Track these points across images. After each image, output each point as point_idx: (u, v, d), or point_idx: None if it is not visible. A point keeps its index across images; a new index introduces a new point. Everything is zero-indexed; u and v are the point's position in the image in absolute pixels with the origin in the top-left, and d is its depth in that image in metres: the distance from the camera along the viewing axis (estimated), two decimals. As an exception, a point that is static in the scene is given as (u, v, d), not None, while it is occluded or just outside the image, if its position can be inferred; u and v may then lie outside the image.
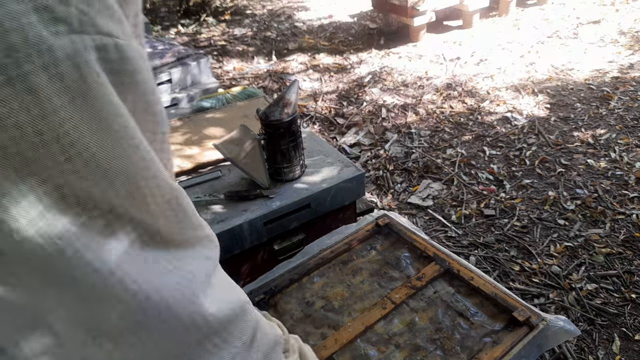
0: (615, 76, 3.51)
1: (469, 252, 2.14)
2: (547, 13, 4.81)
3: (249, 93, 1.99)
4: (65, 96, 0.32)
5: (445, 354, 0.96)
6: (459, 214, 2.37)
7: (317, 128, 3.21)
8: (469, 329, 1.01)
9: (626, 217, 2.24)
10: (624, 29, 4.26)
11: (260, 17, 5.51)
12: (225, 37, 4.93)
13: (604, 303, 1.85)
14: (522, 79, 3.58)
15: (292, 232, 1.41)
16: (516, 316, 1.02)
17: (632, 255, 2.05)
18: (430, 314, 1.05)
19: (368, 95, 3.54)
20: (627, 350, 1.68)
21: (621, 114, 3.06)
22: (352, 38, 4.68)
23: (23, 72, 0.30)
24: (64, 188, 0.33)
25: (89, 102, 0.33)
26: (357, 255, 1.24)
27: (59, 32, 0.32)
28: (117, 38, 0.35)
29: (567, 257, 2.08)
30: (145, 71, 0.38)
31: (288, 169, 1.39)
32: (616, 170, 2.56)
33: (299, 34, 4.88)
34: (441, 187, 2.58)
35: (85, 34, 0.33)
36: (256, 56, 4.37)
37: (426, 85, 3.60)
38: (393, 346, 0.98)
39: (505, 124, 3.09)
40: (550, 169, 2.63)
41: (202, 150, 1.57)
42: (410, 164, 2.77)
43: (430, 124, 3.15)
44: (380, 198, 2.54)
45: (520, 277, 2.00)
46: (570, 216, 2.29)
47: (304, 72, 4.01)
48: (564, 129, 2.98)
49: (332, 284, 1.15)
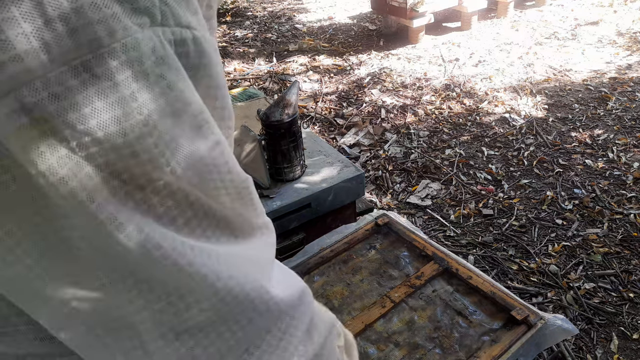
0: (613, 77, 3.53)
1: (467, 251, 2.15)
2: (545, 14, 4.83)
3: (249, 94, 2.00)
4: (149, 94, 0.30)
5: (444, 352, 0.97)
6: (457, 214, 2.38)
7: (317, 129, 3.22)
8: (467, 327, 1.02)
9: (624, 217, 2.25)
10: (622, 30, 4.28)
11: (261, 19, 5.53)
12: (226, 38, 4.95)
13: (602, 302, 1.86)
14: (521, 80, 3.60)
15: (292, 232, 1.42)
16: (514, 315, 1.03)
17: (629, 254, 2.06)
18: (429, 313, 1.06)
19: (367, 96, 3.56)
20: (625, 349, 1.69)
21: (619, 114, 3.08)
22: (352, 40, 4.69)
23: (109, 69, 0.28)
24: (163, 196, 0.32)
25: (171, 100, 0.31)
26: (357, 255, 1.25)
27: (142, 25, 0.30)
28: (194, 30, 0.33)
29: (565, 256, 2.09)
30: (218, 64, 0.37)
31: (288, 169, 1.40)
32: (614, 171, 2.57)
33: (299, 36, 4.90)
34: (440, 187, 2.59)
35: (166, 27, 0.31)
36: (257, 57, 4.38)
37: (425, 86, 3.62)
38: (392, 344, 1.00)
39: (503, 124, 3.10)
40: (548, 169, 2.64)
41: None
42: (409, 164, 2.78)
43: (429, 124, 3.16)
44: (379, 198, 2.56)
45: (518, 276, 2.01)
46: (568, 216, 2.30)
47: (304, 73, 4.03)
48: (562, 129, 3.00)
49: (332, 282, 1.16)
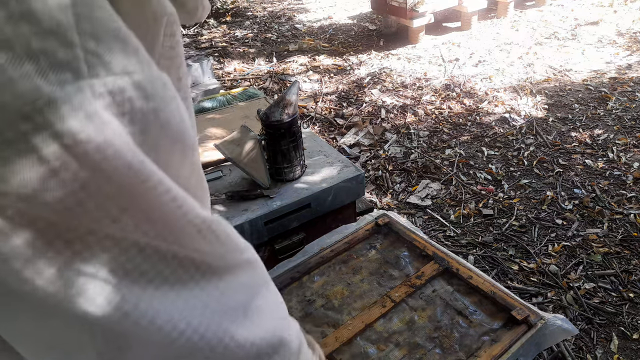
0: (613, 77, 3.53)
1: (467, 251, 2.15)
2: (546, 14, 4.83)
3: (249, 94, 2.00)
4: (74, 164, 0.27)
5: (444, 352, 0.97)
6: (457, 214, 2.38)
7: (317, 128, 3.22)
8: (467, 327, 1.02)
9: (624, 217, 2.25)
10: (622, 30, 4.27)
11: (261, 19, 5.53)
12: (226, 38, 4.94)
13: (602, 302, 1.86)
14: (521, 80, 3.60)
15: (292, 232, 1.42)
16: (515, 315, 1.03)
17: (629, 254, 2.06)
18: (429, 313, 1.06)
19: (367, 96, 3.56)
20: (625, 349, 1.69)
21: (619, 114, 3.08)
22: (352, 39, 4.69)
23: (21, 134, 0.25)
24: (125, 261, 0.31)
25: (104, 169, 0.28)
26: (357, 254, 1.25)
27: (63, 82, 0.26)
28: (134, 74, 0.30)
29: (565, 256, 2.09)
30: (170, 101, 0.33)
31: (288, 169, 1.41)
32: (614, 171, 2.57)
33: (299, 36, 4.90)
34: (440, 187, 2.59)
35: (95, 78, 0.28)
36: (257, 57, 4.38)
37: (425, 86, 3.62)
38: (392, 344, 1.00)
39: (503, 124, 3.10)
40: (548, 169, 2.64)
41: (203, 150, 1.58)
42: (409, 164, 2.78)
43: (429, 124, 3.16)
44: (379, 198, 2.56)
45: (518, 276, 2.01)
46: (568, 216, 2.30)
47: (304, 73, 4.03)
48: (562, 129, 3.00)
49: (332, 282, 1.16)
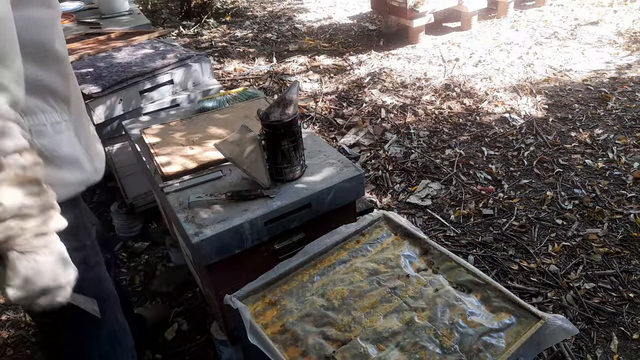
0: (613, 77, 3.53)
1: (467, 251, 2.15)
2: (546, 14, 4.83)
3: (249, 94, 2.00)
4: None
5: (444, 352, 0.97)
6: (457, 214, 2.38)
7: (317, 128, 3.22)
8: (467, 327, 1.02)
9: (624, 217, 2.26)
10: (622, 30, 4.28)
11: (261, 19, 5.53)
12: (226, 38, 4.95)
13: (602, 302, 1.86)
14: (521, 79, 3.60)
15: (292, 232, 1.42)
16: (515, 315, 1.03)
17: (629, 254, 2.06)
18: (429, 313, 1.06)
19: (367, 96, 3.56)
20: (625, 349, 1.69)
21: (619, 114, 3.08)
22: (352, 39, 4.70)
23: None
24: None
25: None
26: (357, 254, 1.25)
27: None
28: None
29: (565, 256, 2.09)
30: None
31: (288, 169, 1.41)
32: (614, 171, 2.58)
33: (299, 36, 4.90)
34: (440, 187, 2.60)
35: None
36: (257, 57, 4.38)
37: (425, 86, 3.62)
38: (392, 344, 1.00)
39: (503, 124, 3.10)
40: (548, 169, 2.65)
41: (203, 150, 1.58)
42: (409, 164, 2.78)
43: (429, 124, 3.16)
44: (379, 198, 2.56)
45: (518, 276, 2.01)
46: (568, 216, 2.30)
47: (304, 73, 4.03)
48: (562, 129, 3.00)
49: (332, 282, 1.16)
